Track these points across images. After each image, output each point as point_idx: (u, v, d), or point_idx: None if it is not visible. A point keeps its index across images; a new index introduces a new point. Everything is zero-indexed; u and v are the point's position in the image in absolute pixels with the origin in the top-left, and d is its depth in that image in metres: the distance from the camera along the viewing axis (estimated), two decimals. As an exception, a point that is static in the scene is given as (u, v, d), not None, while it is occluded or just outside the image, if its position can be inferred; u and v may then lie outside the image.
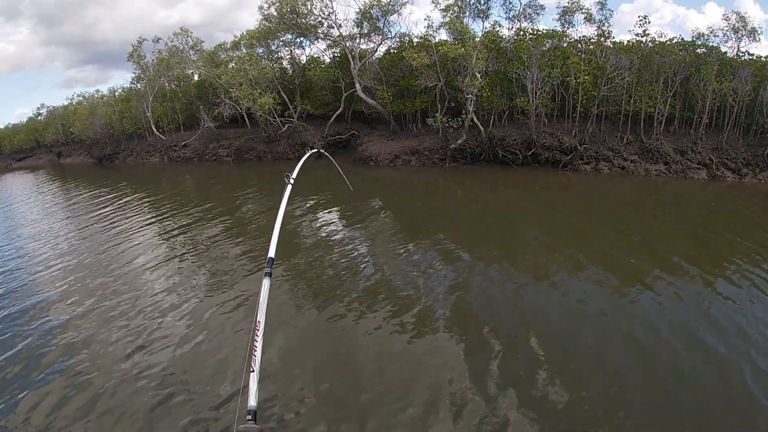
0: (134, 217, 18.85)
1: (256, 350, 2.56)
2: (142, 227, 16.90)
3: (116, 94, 46.23)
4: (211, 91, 31.61)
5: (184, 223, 16.85)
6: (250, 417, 2.17)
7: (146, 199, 22.50)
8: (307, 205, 18.17)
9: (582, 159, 21.32)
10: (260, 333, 2.70)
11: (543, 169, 21.75)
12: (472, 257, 10.99)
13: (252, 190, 22.16)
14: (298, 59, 32.12)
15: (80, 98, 53.85)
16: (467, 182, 20.90)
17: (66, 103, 57.13)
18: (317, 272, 10.91)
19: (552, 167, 21.74)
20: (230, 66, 30.68)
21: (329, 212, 16.83)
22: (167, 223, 17.23)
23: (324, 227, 14.90)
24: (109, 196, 24.72)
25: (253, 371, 2.49)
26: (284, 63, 32.62)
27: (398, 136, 25.55)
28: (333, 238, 13.42)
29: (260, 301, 2.84)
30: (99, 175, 36.55)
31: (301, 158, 5.08)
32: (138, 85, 39.12)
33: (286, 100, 29.20)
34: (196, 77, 37.21)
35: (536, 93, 21.51)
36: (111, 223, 18.52)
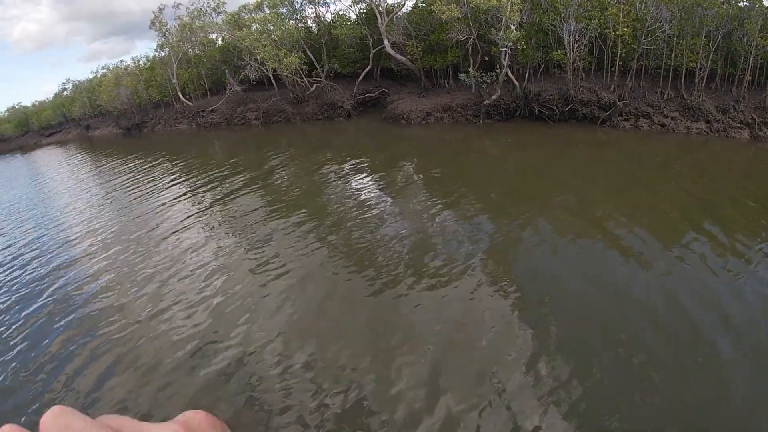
0: (166, 186, 19.02)
1: None
2: (174, 196, 16.96)
3: (140, 63, 46.18)
4: (235, 54, 31.25)
5: (215, 189, 16.93)
6: None
7: (177, 167, 22.64)
8: (339, 163, 18.04)
9: (621, 115, 20.39)
10: None
11: (580, 126, 20.90)
12: (508, 217, 10.79)
13: (281, 153, 22.00)
14: (323, 17, 31.29)
15: (105, 70, 54.10)
16: (502, 139, 20.32)
17: (91, 76, 57.69)
18: (350, 232, 10.85)
19: (590, 123, 20.86)
20: (253, 27, 30.10)
21: (362, 171, 16.60)
22: (199, 190, 17.30)
23: (357, 187, 14.76)
24: (138, 165, 25.05)
25: None
26: (309, 22, 31.88)
27: (429, 92, 24.88)
28: (366, 198, 13.29)
29: None
30: (128, 145, 37.04)
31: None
32: (162, 52, 38.98)
33: (313, 59, 28.63)
34: (219, 41, 36.76)
35: (573, 46, 20.46)
36: (141, 191, 18.78)
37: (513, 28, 21.05)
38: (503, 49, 21.01)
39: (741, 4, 19.06)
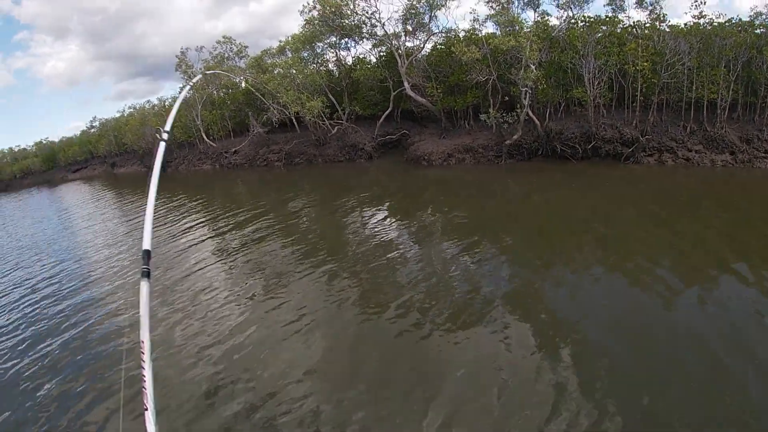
0: (187, 225, 19.38)
1: (145, 381, 1.77)
2: (195, 236, 17.24)
3: (166, 103, 47.76)
4: (259, 97, 32.06)
5: (236, 229, 17.18)
6: None
7: (199, 206, 23.08)
8: (360, 205, 18.10)
9: (644, 151, 20.12)
10: (147, 357, 1.80)
11: (604, 163, 20.68)
12: (530, 259, 10.68)
13: (302, 194, 22.23)
14: (344, 61, 32.10)
15: (131, 109, 56.13)
16: (524, 179, 20.19)
17: (117, 115, 59.73)
18: (370, 274, 10.88)
19: (613, 160, 20.62)
20: (276, 72, 30.99)
21: (383, 213, 16.67)
22: (220, 230, 17.62)
23: (378, 229, 14.81)
24: (162, 204, 25.44)
25: (147, 409, 1.77)
26: (330, 65, 32.72)
27: (450, 133, 25.04)
28: (387, 239, 13.30)
29: (141, 314, 1.90)
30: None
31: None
32: (187, 94, 40.18)
33: (334, 102, 29.21)
34: (243, 84, 37.84)
35: (593, 83, 20.49)
36: (163, 229, 19.10)
37: (533, 67, 21.20)
38: (523, 89, 21.11)
39: (758, 31, 18.98)
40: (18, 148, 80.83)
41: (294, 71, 28.60)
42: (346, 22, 27.13)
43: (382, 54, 29.10)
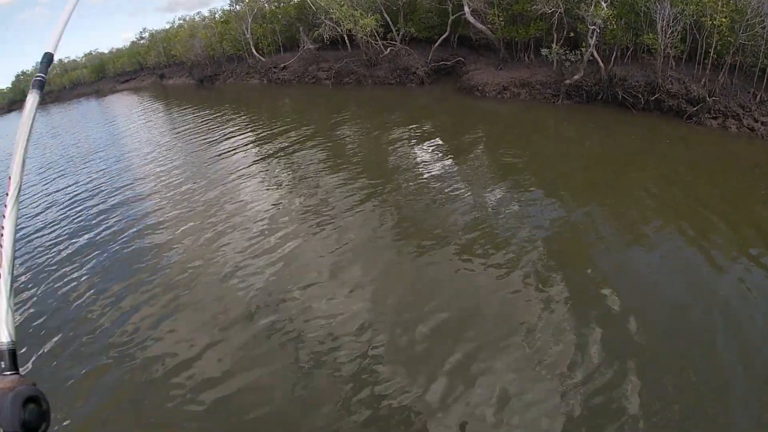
0: (234, 138, 19.73)
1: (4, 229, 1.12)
2: (238, 146, 17.83)
3: (216, 16, 47.20)
4: (311, 12, 31.21)
5: (282, 146, 17.32)
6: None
7: (245, 120, 23.28)
8: (405, 128, 17.85)
9: (709, 112, 18.82)
10: (11, 199, 1.18)
11: (665, 118, 19.41)
12: (574, 207, 10.28)
13: (349, 116, 22.05)
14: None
15: (181, 21, 55.87)
16: (580, 123, 19.37)
17: (167, 26, 59.64)
18: (410, 203, 10.83)
19: (675, 117, 19.37)
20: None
21: (429, 141, 16.33)
22: (266, 146, 17.79)
23: (421, 154, 14.59)
24: (209, 115, 26.06)
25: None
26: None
27: (508, 65, 23.95)
28: (430, 170, 13.03)
29: (19, 131, 1.26)
30: (200, 96, 38.41)
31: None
32: (237, 6, 39.57)
33: (389, 21, 28.09)
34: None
35: (666, 31, 18.92)
36: (209, 139, 19.78)
37: (604, 4, 19.75)
38: (591, 27, 19.78)
39: None
40: (68, 59, 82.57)
41: (349, -15, 27.50)
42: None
43: (443, -27, 27.44)
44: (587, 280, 7.58)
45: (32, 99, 1.36)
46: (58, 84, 77.28)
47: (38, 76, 1.46)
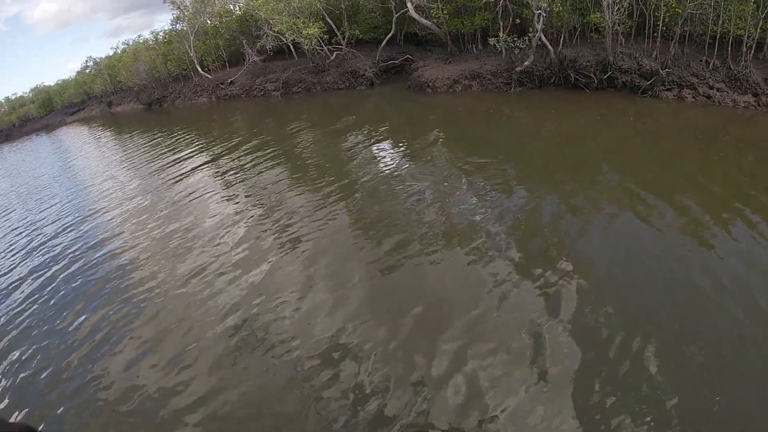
0: (187, 157, 19.22)
1: None
2: (195, 167, 17.29)
3: (158, 37, 45.63)
4: (253, 24, 30.22)
5: (238, 162, 16.85)
6: None
7: (198, 139, 22.78)
8: (361, 133, 17.32)
9: (663, 85, 18.60)
10: None
11: (620, 95, 19.26)
12: (538, 191, 10.10)
13: (302, 123, 21.33)
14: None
15: (124, 46, 53.99)
16: (534, 108, 19.05)
17: (111, 52, 57.57)
18: (373, 203, 10.61)
19: (629, 93, 19.20)
20: (270, -5, 28.93)
21: (385, 141, 15.91)
22: (222, 161, 17.39)
23: (380, 157, 14.19)
24: (161, 139, 25.26)
25: None
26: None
27: (456, 58, 23.49)
28: (390, 169, 12.78)
29: None
30: (149, 120, 37.09)
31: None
32: (178, 25, 38.24)
33: (333, 26, 27.35)
34: (238, 11, 35.78)
35: (612, 8, 18.76)
36: (163, 164, 19.22)
37: (548, -13, 19.48)
38: (537, 12, 19.45)
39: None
40: (15, 96, 79.59)
41: (289, -6, 26.60)
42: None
43: (384, -28, 26.90)
44: (553, 262, 7.40)
45: None
46: (7, 122, 74.17)
47: None
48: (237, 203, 12.54)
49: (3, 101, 79.09)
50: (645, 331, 5.60)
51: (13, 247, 14.17)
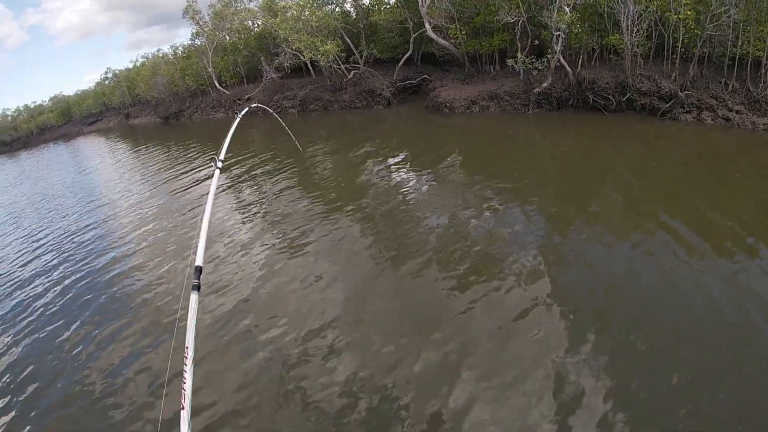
0: (201, 171, 19.35)
1: (185, 383, 2.07)
2: (208, 179, 17.08)
3: (177, 52, 46.40)
4: (271, 42, 30.57)
5: (253, 176, 17.02)
6: None
7: (212, 153, 22.53)
8: (378, 154, 17.33)
9: (683, 107, 18.45)
10: (189, 361, 2.11)
11: (638, 117, 19.07)
12: (555, 213, 10.07)
13: (318, 141, 21.38)
14: (361, 1, 30.06)
15: (143, 59, 54.91)
16: (553, 130, 18.88)
17: (130, 65, 58.62)
18: (391, 225, 10.54)
19: (648, 115, 18.99)
20: (288, 14, 29.25)
21: (402, 162, 15.89)
22: (237, 177, 17.40)
23: (394, 175, 14.28)
24: (177, 152, 25.27)
25: (183, 408, 2.04)
26: (347, 6, 30.78)
27: (474, 79, 23.50)
28: (407, 191, 12.71)
29: (189, 322, 2.18)
30: (166, 133, 37.51)
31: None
32: (197, 41, 38.87)
33: (351, 45, 27.61)
34: (256, 28, 36.27)
35: (631, 29, 18.66)
36: (181, 177, 19.24)
37: (567, 9, 19.39)
38: (555, 33, 19.41)
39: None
40: (34, 104, 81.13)
41: (307, 13, 26.90)
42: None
43: (402, -8, 27.08)
44: (568, 287, 7.36)
45: (194, 299, 2.31)
46: (25, 129, 75.61)
47: (195, 282, 2.33)
48: (251, 216, 12.68)
49: (22, 109, 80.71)
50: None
51: (24, 251, 14.51)
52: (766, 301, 6.33)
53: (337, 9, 29.79)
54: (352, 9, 30.45)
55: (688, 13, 17.78)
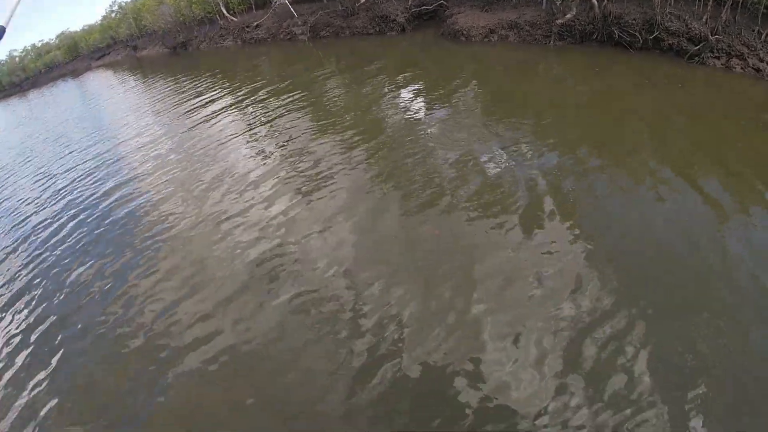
0: (212, 103, 19.08)
1: None
2: (219, 111, 17.25)
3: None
4: (283, -36, 29.24)
5: (264, 107, 16.67)
6: None
7: (222, 84, 22.51)
8: (389, 78, 16.93)
9: (712, 52, 17.42)
10: None
11: (664, 58, 17.94)
12: (567, 154, 9.56)
13: (329, 68, 20.73)
14: None
15: (148, -11, 53.13)
16: (574, 65, 17.95)
17: (136, -4, 56.88)
18: (397, 155, 10.39)
19: (675, 56, 17.90)
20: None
21: (415, 92, 15.31)
22: (247, 108, 17.14)
23: (407, 105, 13.82)
24: (188, 85, 25.18)
25: None
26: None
27: (494, 7, 22.34)
28: (417, 121, 12.37)
29: None
30: (174, 64, 36.85)
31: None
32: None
33: (366, -33, 26.24)
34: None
35: None
36: (192, 110, 18.84)
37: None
38: (584, -42, 18.29)
39: None
40: (41, 42, 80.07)
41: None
42: None
43: None
44: (580, 227, 7.13)
45: None
46: (33, 69, 74.94)
47: None
48: (263, 150, 12.43)
49: (29, 48, 79.75)
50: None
51: (38, 190, 14.52)
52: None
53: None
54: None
55: (726, -52, 16.50)
